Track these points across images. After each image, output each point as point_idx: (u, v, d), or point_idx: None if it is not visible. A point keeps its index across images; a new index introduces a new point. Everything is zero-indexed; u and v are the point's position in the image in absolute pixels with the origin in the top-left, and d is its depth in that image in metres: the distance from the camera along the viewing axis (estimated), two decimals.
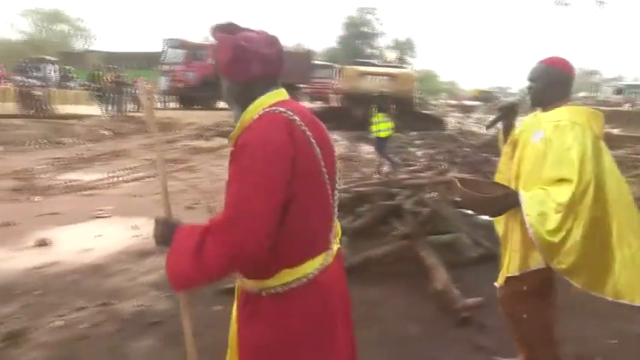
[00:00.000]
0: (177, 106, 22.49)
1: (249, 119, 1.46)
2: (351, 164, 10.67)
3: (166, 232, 1.47)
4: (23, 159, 10.20)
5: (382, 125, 9.61)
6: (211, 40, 1.64)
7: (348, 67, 19.74)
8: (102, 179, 8.23)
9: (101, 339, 3.01)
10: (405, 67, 19.99)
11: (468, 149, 11.09)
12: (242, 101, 1.51)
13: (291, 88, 23.20)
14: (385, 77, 17.37)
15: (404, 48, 54.28)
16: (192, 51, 20.68)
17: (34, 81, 14.98)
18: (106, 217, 5.97)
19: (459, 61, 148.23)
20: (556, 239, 2.05)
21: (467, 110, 31.52)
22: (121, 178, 8.49)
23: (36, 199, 6.91)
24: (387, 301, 3.72)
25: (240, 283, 1.55)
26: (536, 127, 2.26)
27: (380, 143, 9.72)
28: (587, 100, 34.42)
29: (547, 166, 2.12)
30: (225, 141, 10.63)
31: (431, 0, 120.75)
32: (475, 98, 43.15)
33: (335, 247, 1.58)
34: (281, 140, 1.38)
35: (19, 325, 3.25)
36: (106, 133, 14.19)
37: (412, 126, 16.43)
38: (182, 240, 1.40)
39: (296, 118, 1.43)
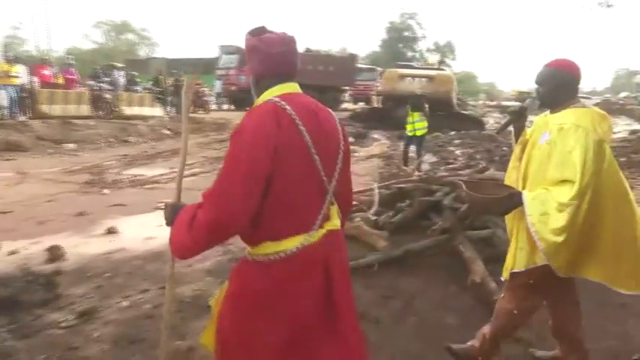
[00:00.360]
0: (231, 107, 22.94)
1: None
2: (392, 162, 10.58)
3: (173, 213, 1.60)
4: (94, 156, 10.70)
5: (418, 124, 9.50)
6: None
7: (388, 69, 19.54)
8: (163, 174, 8.51)
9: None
10: (443, 69, 19.56)
11: (505, 148, 10.76)
12: (257, 93, 1.65)
13: (336, 90, 23.23)
14: (424, 79, 17.09)
15: (444, 51, 53.16)
16: (244, 56, 20.98)
17: (105, 85, 15.57)
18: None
19: (498, 63, 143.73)
20: (560, 239, 2.03)
21: (505, 110, 30.53)
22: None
23: (105, 192, 7.24)
24: (425, 292, 3.68)
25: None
26: (543, 129, 2.24)
27: (417, 141, 9.62)
28: (627, 100, 32.63)
29: (551, 167, 2.11)
30: None
31: (470, 3, 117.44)
32: (515, 99, 41.77)
33: (325, 230, 1.58)
34: (266, 126, 1.47)
35: (92, 304, 3.41)
36: (167, 132, 14.67)
37: (451, 126, 16.09)
38: (181, 216, 1.54)
39: (287, 107, 1.51)
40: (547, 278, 2.18)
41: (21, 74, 13.28)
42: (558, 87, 2.23)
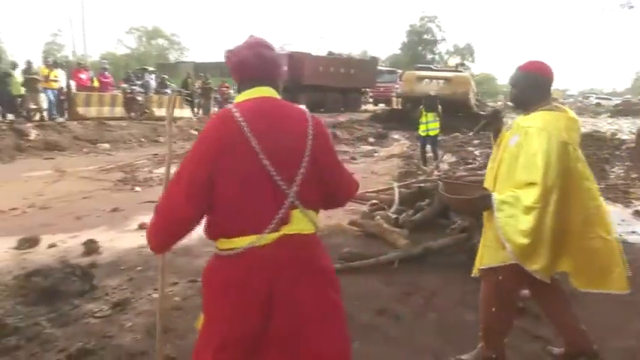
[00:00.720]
0: None
1: None
2: (411, 162, 10.50)
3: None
4: (127, 155, 10.92)
5: (431, 125, 9.44)
6: (286, 49, 1.76)
7: (407, 72, 19.38)
8: None
9: (191, 310, 3.16)
10: (461, 71, 19.27)
11: None
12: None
13: (358, 92, 23.17)
14: (441, 81, 16.89)
15: (463, 53, 52.46)
16: None
17: (137, 88, 15.86)
18: None
19: (517, 65, 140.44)
20: (526, 240, 2.05)
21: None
22: None
23: (137, 189, 7.38)
24: (445, 290, 3.64)
25: None
26: (515, 132, 2.24)
27: (431, 141, 9.55)
28: None
29: (518, 169, 2.13)
30: None
31: (490, 6, 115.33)
32: None
33: (281, 233, 1.51)
34: (210, 134, 1.54)
35: (125, 295, 3.49)
36: (195, 132, 14.84)
37: (470, 127, 15.87)
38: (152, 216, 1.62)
39: (237, 114, 1.51)
40: (518, 277, 2.18)
41: (60, 78, 13.64)
42: (529, 89, 2.24)
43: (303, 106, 1.75)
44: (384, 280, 3.76)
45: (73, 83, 14.50)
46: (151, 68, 19.18)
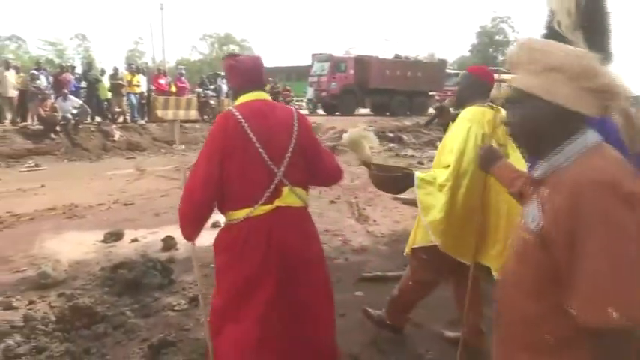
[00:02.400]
0: (322, 112, 23.34)
1: None
2: None
3: None
4: None
5: None
6: (351, 53, 1.91)
7: None
8: None
9: None
10: None
11: None
12: (235, 100, 2.08)
13: (424, 96, 22.68)
14: (506, 83, 16.02)
15: None
16: (336, 63, 21.21)
17: (210, 92, 16.57)
18: None
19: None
20: (439, 215, 2.28)
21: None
22: None
23: None
24: None
25: None
26: (454, 124, 2.50)
27: None
28: None
29: (444, 154, 2.42)
30: None
31: None
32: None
33: (270, 206, 1.92)
34: (217, 131, 1.95)
35: (200, 291, 3.63)
36: None
37: None
38: None
39: (236, 113, 1.94)
40: (442, 257, 2.36)
41: (141, 83, 14.57)
42: (467, 87, 2.53)
43: (367, 109, 1.94)
44: None
45: (152, 88, 15.42)
46: (222, 73, 19.93)
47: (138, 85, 14.29)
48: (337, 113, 20.43)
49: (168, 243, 4.71)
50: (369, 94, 21.23)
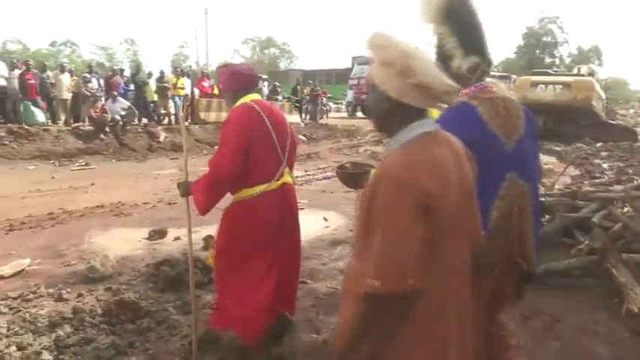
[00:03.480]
0: (361, 115, 23.27)
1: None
2: None
3: (185, 187, 2.59)
4: None
5: None
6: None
7: (520, 77, 18.03)
8: (298, 177, 8.90)
9: (301, 311, 3.23)
10: (582, 75, 17.24)
11: None
12: (234, 101, 2.54)
13: None
14: (559, 86, 15.16)
15: (589, 56, 47.74)
16: None
17: None
18: (302, 209, 6.43)
19: None
20: None
21: None
22: (313, 177, 9.09)
23: None
24: (568, 315, 3.29)
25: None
26: None
27: None
28: None
29: None
30: None
31: (622, 3, 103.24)
32: None
33: (279, 182, 2.54)
34: (244, 118, 2.43)
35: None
36: (302, 137, 15.36)
37: (596, 136, 14.29)
38: (196, 184, 2.50)
39: (255, 106, 2.47)
40: None
41: (185, 86, 14.99)
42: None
43: None
44: None
45: (196, 90, 15.83)
46: (264, 76, 20.22)
47: (182, 88, 14.70)
48: None
49: (209, 242, 4.79)
50: None
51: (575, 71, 19.34)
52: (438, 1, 1.80)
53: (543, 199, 5.22)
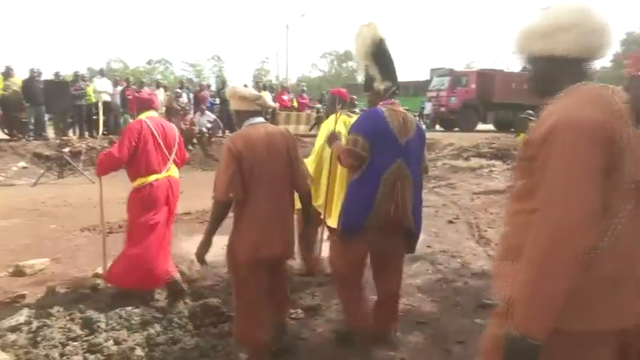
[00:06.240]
0: (440, 128, 22.69)
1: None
2: None
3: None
4: None
5: None
6: (473, 67, 1.91)
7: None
8: None
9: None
10: None
11: None
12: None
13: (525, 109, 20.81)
14: None
15: None
16: (456, 78, 20.53)
17: None
18: None
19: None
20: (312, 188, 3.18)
21: None
22: None
23: None
24: None
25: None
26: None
27: None
28: None
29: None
30: (483, 161, 9.99)
31: None
32: None
33: (166, 173, 3.69)
34: (134, 127, 3.64)
35: (316, 301, 3.72)
36: None
37: None
38: (101, 156, 3.79)
39: (147, 121, 3.65)
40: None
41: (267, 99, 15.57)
42: (330, 103, 4.16)
43: (489, 125, 2.06)
44: None
45: (276, 104, 16.39)
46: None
47: None
48: (456, 129, 19.69)
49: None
50: (491, 108, 20.14)
51: None
52: (366, 45, 2.75)
53: None
